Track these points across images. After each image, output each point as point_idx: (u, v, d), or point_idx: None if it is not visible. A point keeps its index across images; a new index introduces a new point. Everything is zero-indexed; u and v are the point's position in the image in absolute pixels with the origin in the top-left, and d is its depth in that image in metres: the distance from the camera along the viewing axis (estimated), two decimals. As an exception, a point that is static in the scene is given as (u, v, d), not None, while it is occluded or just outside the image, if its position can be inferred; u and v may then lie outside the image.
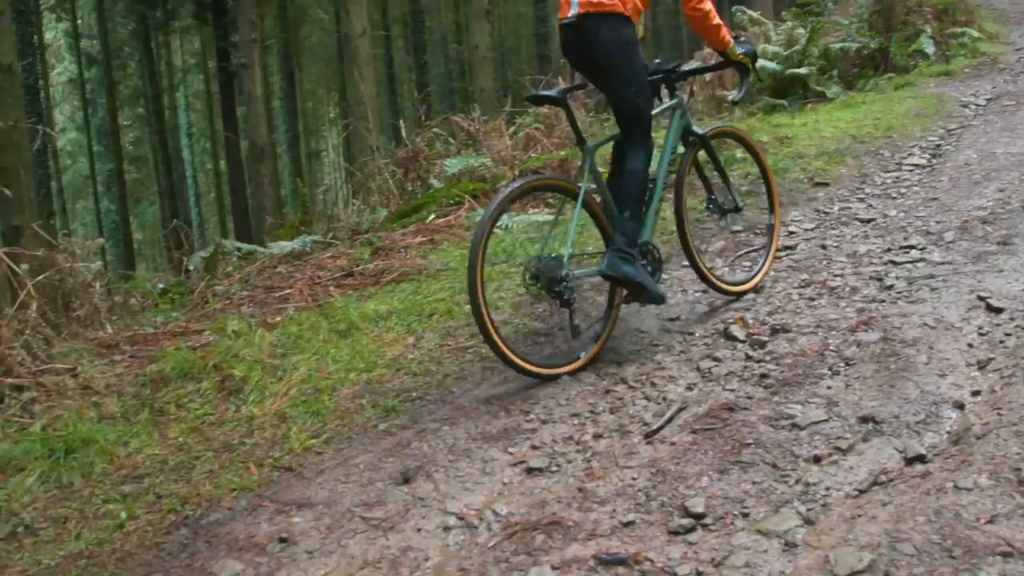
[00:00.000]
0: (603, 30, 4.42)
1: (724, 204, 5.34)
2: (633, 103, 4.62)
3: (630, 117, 4.69)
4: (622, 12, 4.41)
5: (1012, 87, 10.27)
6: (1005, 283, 4.66)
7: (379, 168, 9.33)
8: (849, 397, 3.75)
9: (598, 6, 4.38)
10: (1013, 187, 6.31)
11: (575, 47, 4.60)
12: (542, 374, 4.31)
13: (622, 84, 4.59)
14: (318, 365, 4.81)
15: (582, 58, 4.64)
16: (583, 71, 4.81)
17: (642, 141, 4.69)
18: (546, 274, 4.33)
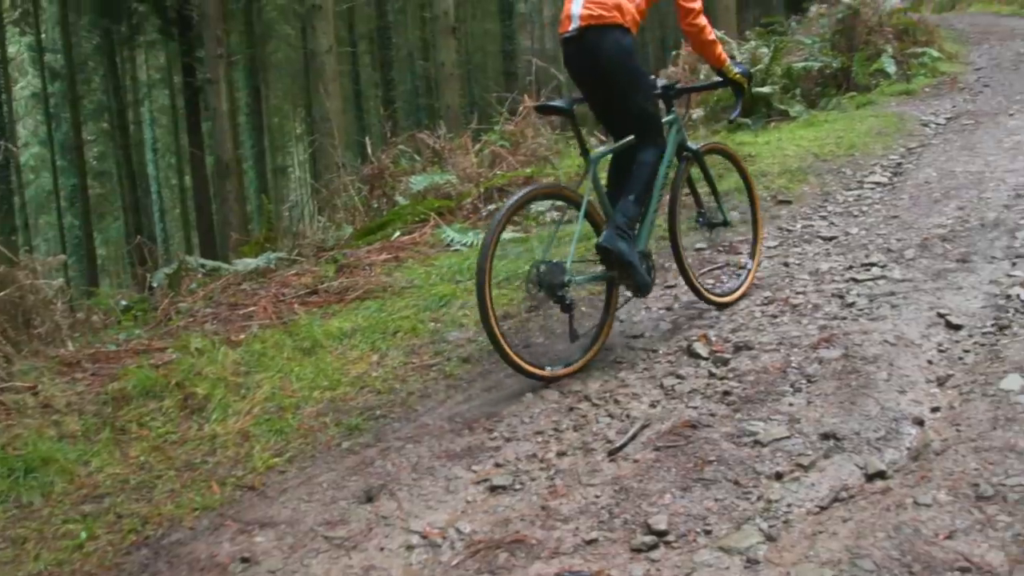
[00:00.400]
0: (605, 41, 4.60)
1: (713, 218, 5.51)
2: (641, 107, 4.78)
3: (641, 121, 4.81)
4: (622, 23, 4.60)
5: (971, 106, 10.41)
6: (964, 300, 4.71)
7: (345, 185, 9.33)
8: (811, 414, 3.78)
9: (599, 19, 4.56)
10: (972, 205, 6.39)
11: (578, 59, 4.76)
12: (545, 376, 4.43)
13: (630, 90, 4.74)
14: (282, 383, 4.79)
15: (586, 69, 4.78)
16: (585, 85, 4.90)
17: (654, 141, 4.83)
18: (549, 280, 4.44)
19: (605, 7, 4.58)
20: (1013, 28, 17.77)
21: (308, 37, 16.21)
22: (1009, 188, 6.60)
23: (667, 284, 5.76)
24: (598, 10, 4.58)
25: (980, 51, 15.18)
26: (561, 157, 9.52)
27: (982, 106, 10.30)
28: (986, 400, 3.57)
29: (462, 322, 5.37)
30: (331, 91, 14.90)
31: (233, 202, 18.56)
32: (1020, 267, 5.00)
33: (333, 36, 15.83)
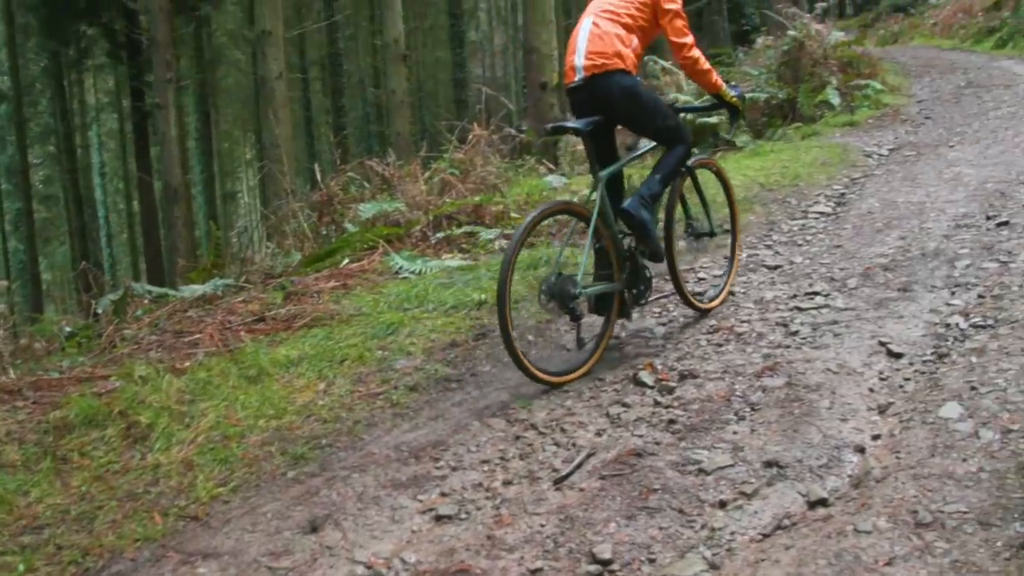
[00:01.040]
0: (613, 86, 4.99)
1: (700, 229, 5.81)
2: (665, 127, 5.29)
3: (669, 138, 5.31)
4: (623, 68, 5.00)
5: (913, 138, 10.60)
6: (905, 329, 4.80)
7: (294, 211, 9.28)
8: (754, 442, 3.82)
9: (602, 67, 4.97)
10: (913, 235, 6.50)
11: (589, 105, 5.09)
12: (553, 382, 4.72)
13: (650, 116, 5.25)
14: (227, 412, 4.74)
15: (597, 113, 5.07)
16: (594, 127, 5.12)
17: (683, 141, 5.32)
18: (560, 292, 4.71)
19: (606, 56, 4.97)
20: (953, 62, 18.15)
21: (258, 63, 16.15)
22: (949, 218, 6.73)
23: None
24: (600, 59, 4.97)
25: (922, 84, 15.48)
26: (510, 185, 9.56)
27: (923, 138, 10.50)
28: (925, 428, 3.63)
29: (410, 350, 5.36)
30: (281, 117, 14.87)
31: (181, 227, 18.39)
32: (959, 296, 5.10)
33: (283, 62, 15.81)
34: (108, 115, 38.51)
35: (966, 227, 6.42)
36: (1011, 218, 6.34)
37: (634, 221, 5.05)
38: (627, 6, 5.14)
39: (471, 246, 7.67)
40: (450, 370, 5.11)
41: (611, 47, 5.00)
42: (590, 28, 5.09)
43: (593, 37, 5.04)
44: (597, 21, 5.10)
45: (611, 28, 5.06)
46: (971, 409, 3.68)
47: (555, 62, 12.83)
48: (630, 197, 5.14)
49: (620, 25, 5.09)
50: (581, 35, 5.11)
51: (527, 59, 13.26)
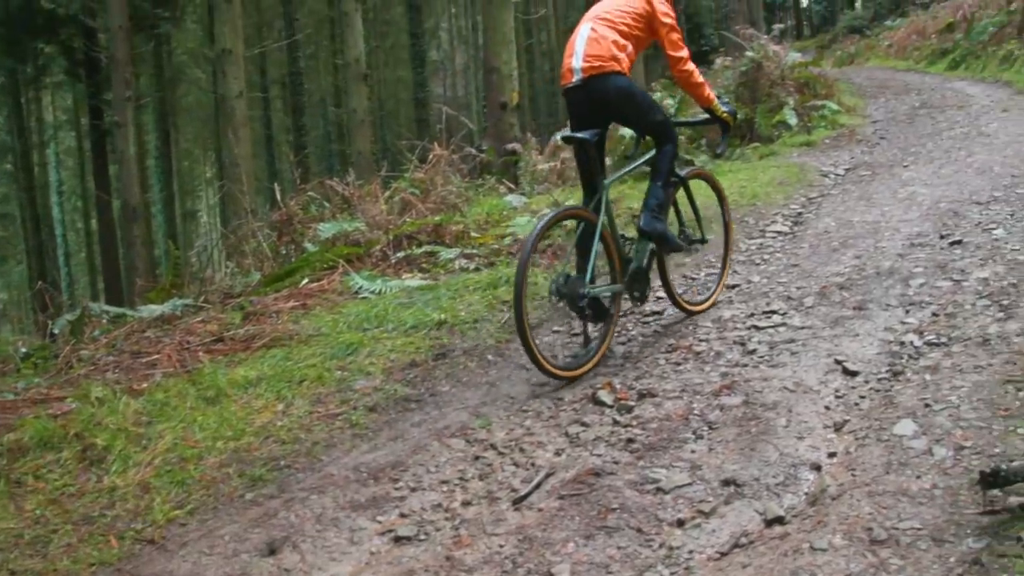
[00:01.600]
0: (610, 87, 5.29)
1: (692, 236, 6.06)
2: (657, 122, 5.58)
3: (660, 133, 5.58)
4: (619, 70, 5.30)
5: (868, 158, 10.72)
6: (860, 347, 4.84)
7: (253, 230, 9.25)
8: (712, 460, 3.84)
9: (599, 69, 5.26)
10: (868, 254, 6.57)
11: (587, 105, 5.40)
12: (564, 376, 4.97)
13: (643, 114, 5.55)
14: (184, 433, 4.71)
15: (594, 111, 5.40)
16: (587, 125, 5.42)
17: (670, 139, 5.57)
18: (570, 292, 5.02)
19: (603, 59, 5.27)
20: (908, 83, 18.40)
21: (218, 82, 16.10)
22: (903, 237, 6.81)
23: (573, 332, 5.81)
24: (597, 62, 5.27)
25: (877, 104, 15.67)
26: (470, 205, 9.58)
27: (879, 158, 10.62)
28: (880, 445, 3.67)
29: (369, 370, 5.35)
30: (241, 136, 14.82)
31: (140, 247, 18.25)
32: (913, 314, 5.15)
33: (244, 81, 15.76)
34: (66, 133, 38.23)
35: (920, 246, 6.50)
36: (964, 237, 6.43)
37: (654, 235, 5.42)
38: (624, 16, 5.44)
39: (431, 266, 7.67)
40: (409, 390, 5.11)
41: (608, 51, 5.28)
42: (588, 33, 5.37)
43: (591, 41, 5.33)
44: (595, 27, 5.39)
45: (608, 33, 5.35)
46: (925, 426, 3.72)
47: (515, 82, 12.88)
48: (642, 214, 5.45)
49: (616, 32, 5.38)
50: (579, 39, 5.39)
51: (487, 79, 13.29)
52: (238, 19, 15.71)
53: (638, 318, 5.93)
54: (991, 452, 3.37)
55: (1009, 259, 5.69)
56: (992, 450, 3.39)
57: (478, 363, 5.44)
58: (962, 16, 22.52)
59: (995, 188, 7.75)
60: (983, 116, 12.32)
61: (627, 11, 5.46)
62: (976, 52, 19.13)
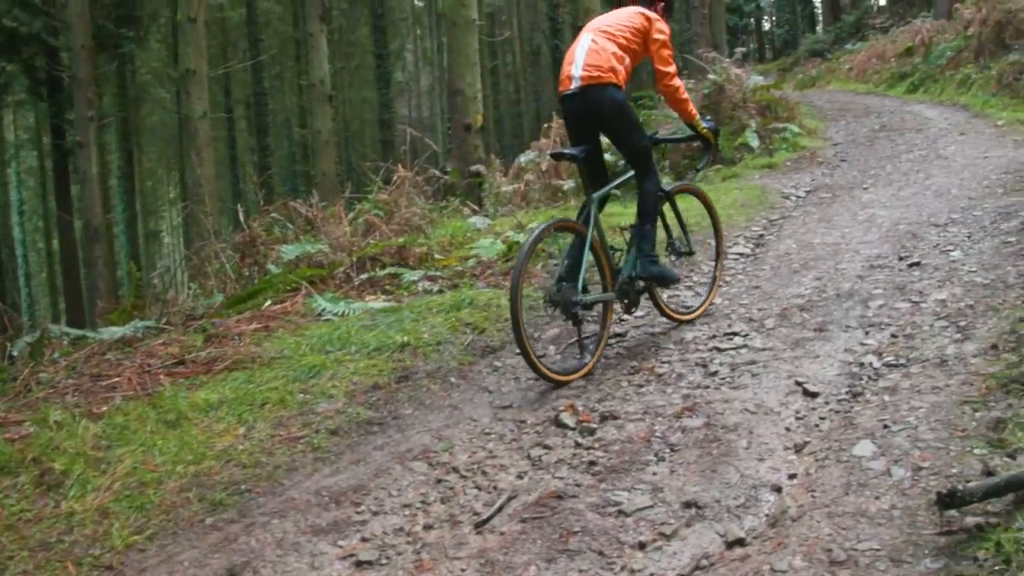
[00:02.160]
0: (605, 97, 5.51)
1: (680, 248, 6.38)
2: (640, 144, 5.76)
3: (638, 154, 5.78)
4: (616, 82, 5.50)
5: (829, 180, 10.84)
6: (820, 368, 4.88)
7: (216, 252, 9.20)
8: (673, 483, 3.86)
9: (597, 79, 5.47)
10: (828, 276, 6.64)
11: (582, 113, 5.63)
12: (562, 380, 5.18)
13: (629, 132, 5.73)
14: (144, 457, 4.66)
15: (588, 119, 5.65)
16: (583, 132, 5.73)
17: (649, 170, 5.81)
18: (563, 300, 5.27)
19: (602, 69, 5.48)
20: (868, 106, 18.61)
21: (182, 102, 16.05)
22: (863, 259, 6.89)
23: (536, 354, 5.80)
24: (596, 72, 5.48)
25: (838, 127, 15.84)
26: (434, 227, 9.59)
27: (839, 180, 10.74)
28: (840, 466, 3.69)
29: (331, 393, 5.32)
30: (204, 156, 14.78)
31: (102, 267, 18.13)
32: (873, 336, 5.21)
33: (208, 102, 15.73)
34: (28, 152, 37.90)
35: (879, 268, 6.57)
36: (922, 259, 6.51)
37: (653, 278, 5.75)
38: (623, 30, 5.67)
39: (395, 288, 7.66)
40: (372, 413, 5.10)
41: (607, 62, 5.50)
42: (589, 44, 5.60)
43: (591, 51, 5.55)
44: (595, 38, 5.62)
45: (608, 46, 5.57)
46: (884, 447, 3.75)
47: (479, 104, 12.92)
48: (638, 261, 5.71)
49: (616, 44, 5.61)
50: (580, 49, 5.62)
51: (451, 101, 13.32)
52: (202, 40, 15.69)
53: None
54: (948, 473, 3.40)
55: (966, 281, 5.76)
56: (949, 471, 3.41)
57: (441, 386, 5.44)
58: (920, 41, 22.86)
59: (952, 210, 7.85)
60: (941, 139, 12.49)
61: (626, 25, 5.70)
62: (934, 76, 19.39)
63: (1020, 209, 7.25)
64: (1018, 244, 6.25)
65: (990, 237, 6.69)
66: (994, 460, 3.36)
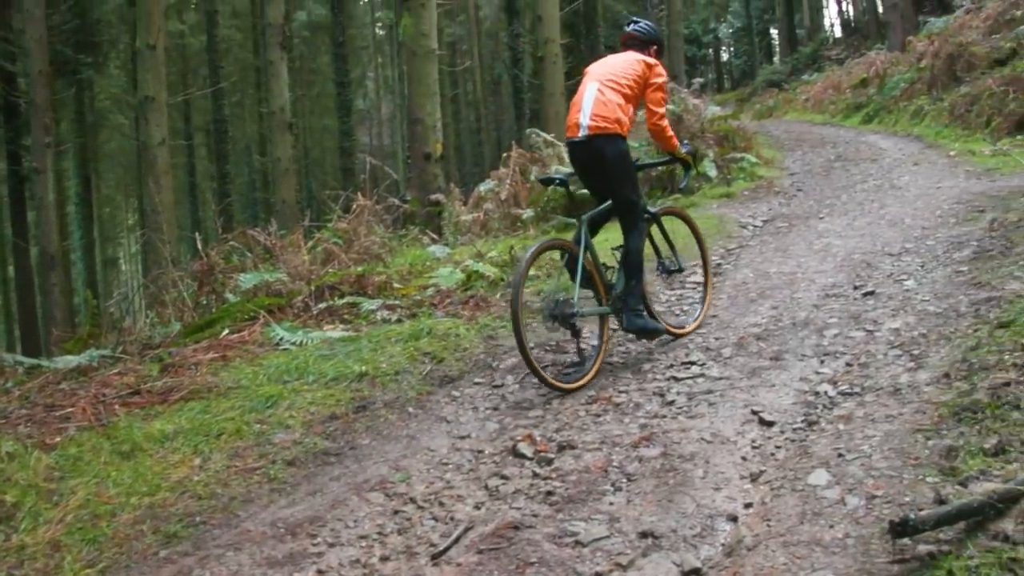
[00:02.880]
0: (608, 147, 5.89)
1: (670, 266, 6.74)
2: (631, 199, 6.07)
3: (628, 209, 6.09)
4: (620, 133, 5.89)
5: (786, 209, 10.95)
6: (776, 397, 4.92)
7: (174, 280, 9.14)
8: (630, 512, 3.86)
9: (603, 129, 5.85)
10: (785, 305, 6.70)
11: (587, 159, 6.04)
12: (566, 388, 5.48)
13: (624, 185, 6.03)
14: (98, 489, 4.60)
15: (591, 166, 6.05)
16: (588, 175, 6.22)
17: (637, 225, 6.11)
18: (562, 312, 5.58)
19: (608, 120, 5.85)
20: (824, 136, 18.85)
21: (141, 129, 15.96)
22: (818, 288, 6.96)
23: (494, 384, 5.83)
24: (603, 123, 5.85)
25: (794, 157, 16.02)
26: (393, 255, 9.58)
27: (795, 209, 10.85)
28: (795, 495, 3.72)
29: (288, 423, 5.29)
30: (163, 184, 14.70)
31: (58, 295, 17.96)
32: (828, 364, 5.25)
33: (167, 128, 15.66)
34: (-17, 178, 37.41)
35: (835, 297, 6.64)
36: (876, 288, 6.58)
37: (639, 332, 5.98)
38: (627, 78, 6.03)
39: (353, 317, 7.64)
40: (329, 443, 5.07)
41: (613, 113, 5.87)
42: (595, 94, 5.96)
43: (598, 102, 5.92)
44: (602, 88, 5.97)
45: (614, 97, 5.93)
46: (838, 476, 3.78)
47: (439, 133, 12.96)
48: (624, 315, 5.93)
49: (621, 95, 5.96)
50: (587, 97, 5.99)
51: (411, 130, 13.35)
52: (161, 66, 15.63)
53: (559, 369, 5.95)
54: (901, 501, 3.43)
55: (919, 310, 5.83)
56: (902, 499, 3.45)
57: (399, 416, 5.42)
58: (875, 72, 23.22)
59: (906, 240, 7.95)
60: (895, 169, 12.65)
61: (629, 74, 6.05)
62: (888, 107, 19.68)
63: (972, 239, 7.36)
64: (970, 273, 6.34)
65: (943, 266, 6.78)
66: (946, 488, 3.39)
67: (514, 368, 6.11)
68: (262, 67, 28.56)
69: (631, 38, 6.45)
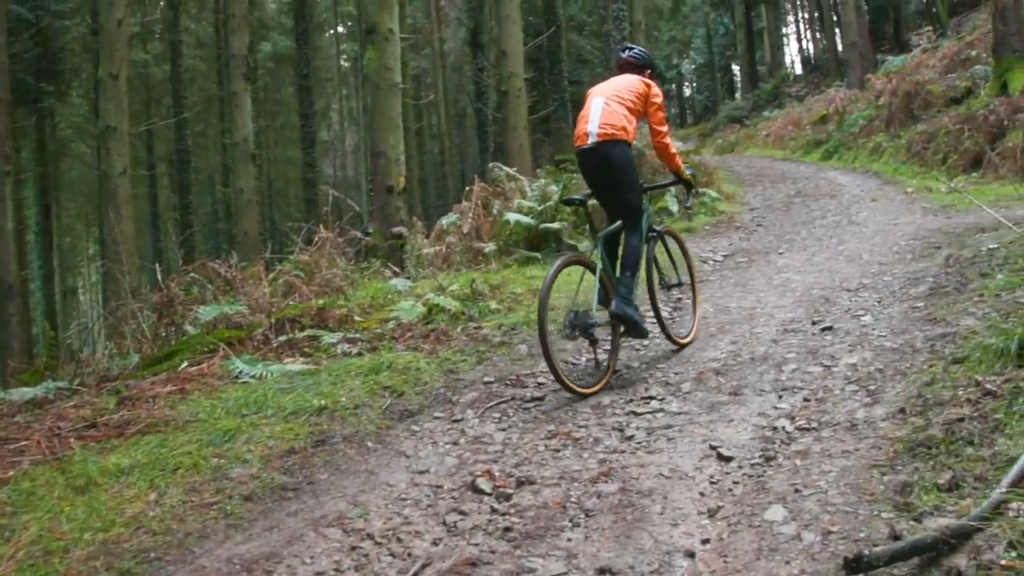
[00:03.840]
0: (615, 152, 6.35)
1: (669, 280, 7.26)
2: (635, 203, 6.55)
3: (631, 212, 6.54)
4: (626, 139, 6.35)
5: (746, 244, 11.05)
6: (735, 432, 4.94)
7: (133, 311, 9.06)
8: (588, 549, 3.86)
9: (611, 136, 6.32)
10: (744, 340, 6.75)
11: (595, 165, 6.46)
12: (585, 393, 5.94)
13: (628, 189, 6.49)
14: (51, 524, 4.54)
15: (598, 173, 6.49)
16: (595, 183, 6.63)
17: (637, 227, 6.55)
18: (581, 323, 6.00)
19: (615, 128, 6.34)
20: (784, 172, 19.07)
21: (102, 158, 15.87)
22: (777, 323, 7.02)
23: (454, 418, 5.82)
24: (611, 129, 6.33)
25: (755, 192, 16.19)
26: (355, 288, 9.56)
27: (755, 244, 10.95)
28: (752, 531, 3.73)
29: (246, 458, 5.24)
30: (124, 214, 14.63)
31: (16, 325, 17.70)
32: (786, 400, 5.29)
33: (128, 158, 15.60)
34: (-60, 207, 37.01)
35: (793, 332, 6.71)
36: (834, 323, 6.66)
37: (623, 319, 6.28)
38: (630, 93, 6.56)
39: (313, 350, 7.60)
40: (287, 478, 5.02)
41: (619, 122, 6.36)
42: (602, 106, 6.44)
43: (605, 112, 6.40)
44: (608, 101, 6.47)
45: (619, 108, 6.43)
46: (794, 512, 3.81)
47: (402, 166, 12.97)
48: (614, 300, 6.31)
49: (625, 108, 6.47)
50: (594, 109, 6.47)
51: (374, 163, 13.35)
52: (123, 96, 15.60)
53: (519, 404, 5.96)
54: (856, 537, 3.46)
55: (876, 345, 5.90)
56: (857, 535, 3.47)
57: (358, 450, 5.39)
58: (835, 109, 23.58)
59: (864, 275, 8.05)
60: (854, 205, 12.82)
61: (632, 91, 6.58)
62: (848, 143, 19.97)
63: (928, 275, 7.46)
64: (926, 309, 6.43)
65: (899, 302, 6.87)
66: (900, 524, 3.43)
67: (474, 402, 6.11)
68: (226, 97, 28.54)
69: (628, 63, 6.98)
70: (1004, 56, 14.84)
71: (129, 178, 15.71)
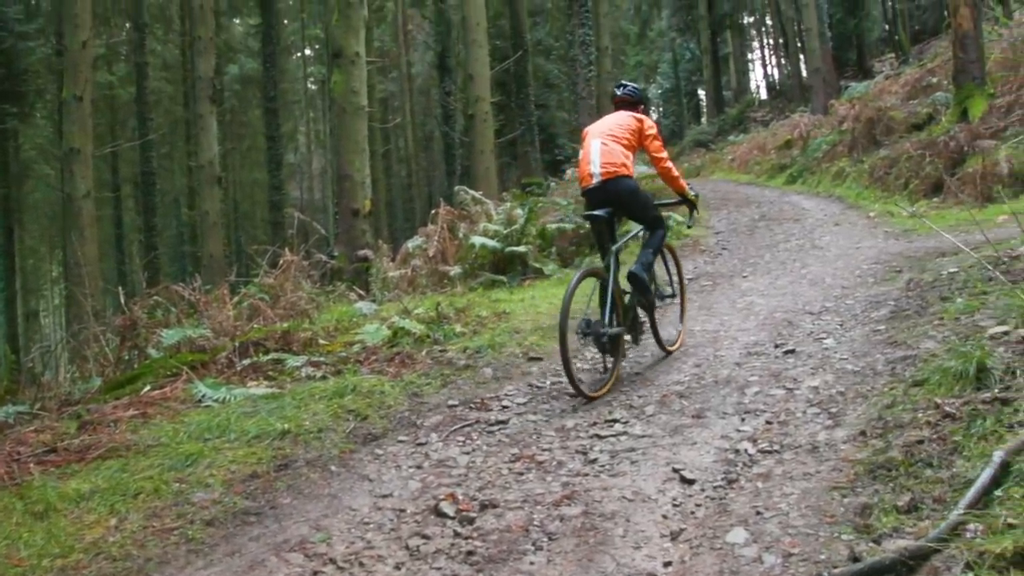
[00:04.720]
0: (620, 186, 6.83)
1: (663, 292, 7.58)
2: (653, 215, 7.19)
3: (653, 221, 7.18)
4: (627, 174, 6.84)
5: (710, 268, 11.12)
6: (698, 455, 4.96)
7: (96, 335, 8.98)
8: (551, 572, 3.85)
9: (613, 174, 6.79)
10: (708, 363, 6.79)
11: (604, 201, 6.86)
12: (595, 396, 6.35)
13: (644, 211, 7.12)
14: (8, 551, 4.48)
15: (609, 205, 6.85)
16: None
17: (662, 225, 7.26)
18: (594, 332, 6.42)
19: (616, 165, 6.80)
20: (749, 196, 19.21)
21: (66, 180, 15.75)
22: (741, 346, 7.06)
23: (418, 441, 5.80)
24: (611, 167, 6.80)
25: (720, 216, 16.30)
26: (320, 311, 9.53)
27: (720, 268, 11.02)
28: (714, 553, 3.75)
29: (208, 482, 5.19)
30: (87, 236, 14.53)
31: (-25, 349, 17.52)
32: (749, 422, 5.32)
33: (92, 181, 15.50)
34: (-99, 229, 36.58)
35: (756, 355, 6.75)
36: (797, 346, 6.71)
37: (637, 280, 6.88)
38: (623, 130, 7.00)
39: (277, 373, 7.56)
40: (249, 503, 4.98)
41: (618, 159, 6.82)
42: (600, 147, 6.89)
43: (604, 152, 6.85)
44: (604, 141, 6.91)
45: (616, 147, 6.87)
46: (756, 534, 3.83)
47: (368, 189, 12.98)
48: (634, 264, 6.93)
49: (621, 145, 6.91)
50: (593, 151, 6.91)
51: (340, 186, 13.35)
52: (88, 118, 15.52)
53: (483, 427, 5.95)
54: (817, 559, 3.48)
55: (838, 368, 5.95)
56: (818, 557, 3.50)
57: (321, 474, 5.36)
58: (799, 134, 23.80)
59: (826, 299, 8.12)
60: (817, 229, 12.93)
61: (625, 128, 7.01)
62: (811, 168, 20.15)
63: (889, 298, 7.54)
64: (887, 332, 6.49)
65: (861, 325, 6.93)
66: (860, 546, 3.45)
67: (438, 426, 6.10)
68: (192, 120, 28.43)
69: (622, 100, 7.39)
70: (964, 83, 15.04)
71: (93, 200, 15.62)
